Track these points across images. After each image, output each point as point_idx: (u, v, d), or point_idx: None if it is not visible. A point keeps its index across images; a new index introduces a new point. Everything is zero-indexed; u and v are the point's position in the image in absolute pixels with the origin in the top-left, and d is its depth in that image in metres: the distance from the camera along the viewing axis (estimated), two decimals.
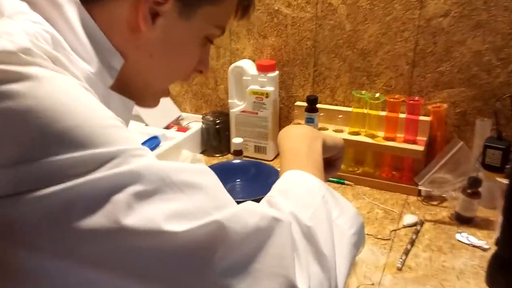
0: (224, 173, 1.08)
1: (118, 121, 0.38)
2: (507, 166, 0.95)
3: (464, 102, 1.03)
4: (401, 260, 0.79)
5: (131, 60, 0.48)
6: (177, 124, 1.35)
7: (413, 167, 1.07)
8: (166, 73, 0.52)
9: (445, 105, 1.03)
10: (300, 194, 0.49)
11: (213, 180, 0.40)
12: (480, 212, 0.94)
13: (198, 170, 0.40)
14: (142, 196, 0.34)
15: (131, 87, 0.51)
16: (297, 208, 0.45)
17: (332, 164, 0.67)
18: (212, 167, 1.10)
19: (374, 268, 0.78)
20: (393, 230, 0.90)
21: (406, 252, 0.82)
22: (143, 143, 1.18)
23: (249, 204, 0.41)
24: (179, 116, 1.37)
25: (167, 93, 0.57)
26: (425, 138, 1.06)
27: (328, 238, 0.45)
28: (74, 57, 0.43)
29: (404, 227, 0.91)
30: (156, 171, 0.36)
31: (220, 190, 0.40)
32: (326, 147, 0.61)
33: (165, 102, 1.36)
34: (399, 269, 0.78)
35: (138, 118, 1.30)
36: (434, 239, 0.87)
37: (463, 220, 0.93)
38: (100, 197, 0.33)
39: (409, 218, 0.93)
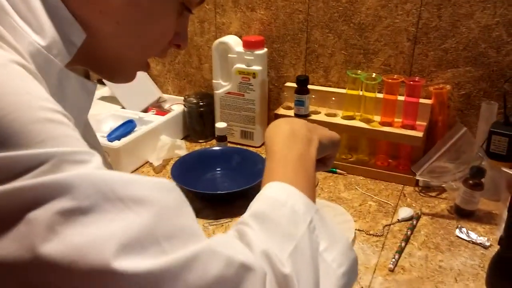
0: (203, 161, 1.02)
1: (59, 114, 0.31)
2: None
3: (469, 83, 0.95)
4: (393, 260, 0.73)
5: (95, 28, 0.42)
6: (157, 106, 1.28)
7: (411, 154, 1.01)
8: (137, 43, 0.46)
9: (448, 87, 0.96)
10: (281, 220, 0.40)
11: (175, 199, 0.32)
12: (482, 205, 0.87)
13: (156, 183, 0.31)
14: (70, 215, 0.26)
15: (99, 61, 0.45)
16: (274, 243, 0.37)
17: (323, 162, 0.59)
18: (190, 154, 1.04)
19: (363, 269, 0.72)
20: (387, 225, 0.84)
21: (400, 251, 0.76)
22: (117, 128, 1.11)
23: (214, 241, 0.33)
24: (159, 97, 1.29)
25: (145, 67, 0.51)
26: (425, 123, 0.98)
27: (310, 285, 0.37)
28: (20, 26, 0.36)
29: (399, 221, 0.85)
30: (95, 182, 0.28)
31: (182, 214, 0.32)
32: (321, 147, 0.53)
33: (145, 83, 1.29)
34: (391, 270, 0.72)
35: (114, 100, 1.23)
36: (431, 235, 0.81)
37: (463, 214, 0.86)
38: (13, 214, 0.26)
39: (404, 212, 0.87)
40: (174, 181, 0.93)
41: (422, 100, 0.97)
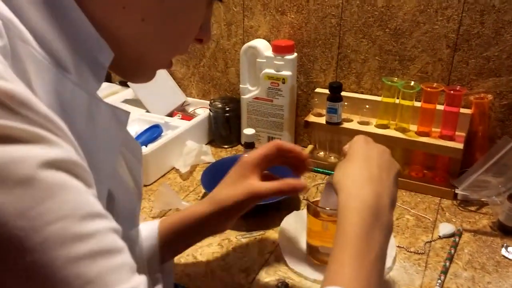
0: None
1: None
2: None
3: (511, 93, 0.92)
4: (439, 281, 0.71)
5: (117, 27, 0.39)
6: (181, 111, 1.26)
7: (448, 166, 0.98)
8: (163, 42, 0.43)
9: (490, 96, 0.93)
10: None
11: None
12: None
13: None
14: None
15: (121, 61, 0.42)
16: None
17: None
18: (219, 162, 1.02)
19: None
20: (428, 242, 0.81)
21: (445, 271, 0.73)
22: (143, 133, 1.09)
23: None
24: (184, 101, 1.28)
25: (169, 66, 0.48)
26: (463, 134, 0.95)
27: None
28: (42, 56, 0.34)
29: (440, 238, 0.82)
30: None
31: None
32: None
33: (169, 86, 1.27)
34: None
35: (138, 103, 1.21)
36: (475, 254, 0.78)
37: (507, 231, 0.83)
38: None
39: (445, 228, 0.84)
40: (204, 189, 0.91)
41: (461, 110, 0.93)
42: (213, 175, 0.96)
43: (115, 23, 0.38)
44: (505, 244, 0.80)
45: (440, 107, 0.94)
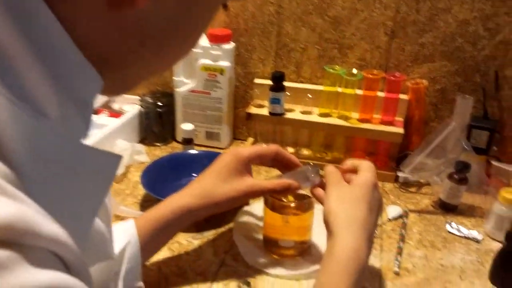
0: (174, 167, 0.97)
1: None
2: (495, 148, 0.94)
3: (444, 78, 1.00)
4: (397, 262, 0.75)
5: (107, 50, 0.31)
6: (107, 108, 1.19)
7: (388, 151, 1.04)
8: (162, 63, 0.36)
9: (425, 82, 1.00)
10: None
11: None
12: (463, 198, 0.92)
13: None
14: None
15: (108, 80, 0.34)
16: None
17: None
18: (159, 161, 0.98)
19: (369, 274, 0.72)
20: (379, 225, 0.85)
21: (400, 252, 0.77)
22: None
23: None
24: (109, 98, 1.21)
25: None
26: (402, 119, 1.02)
27: None
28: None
29: (390, 220, 0.87)
30: None
31: None
32: None
33: None
34: (397, 274, 0.73)
35: None
36: (424, 233, 0.84)
37: (448, 208, 0.91)
38: None
39: (393, 210, 0.89)
40: (147, 190, 0.87)
41: (401, 96, 1.00)
42: (154, 176, 0.92)
43: (106, 45, 0.31)
44: (448, 221, 0.87)
45: (379, 94, 0.99)
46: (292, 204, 0.75)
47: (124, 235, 0.63)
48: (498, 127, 0.96)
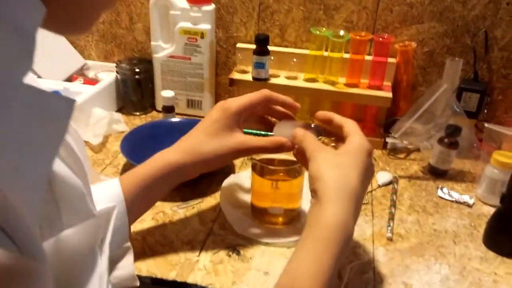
0: (155, 136, 0.92)
1: None
2: (485, 111, 0.92)
3: (433, 40, 0.97)
4: (389, 227, 0.73)
5: None
6: (81, 75, 1.13)
7: (376, 116, 1.01)
8: None
9: (413, 44, 0.97)
10: None
11: None
12: (453, 163, 0.90)
13: None
14: None
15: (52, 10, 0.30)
16: None
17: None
18: (138, 129, 0.93)
19: (362, 241, 0.70)
20: (369, 192, 0.83)
21: (392, 218, 0.75)
22: None
23: None
24: (84, 64, 1.14)
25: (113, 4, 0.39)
26: (390, 83, 0.99)
27: None
28: None
29: (380, 186, 0.85)
30: None
31: None
32: None
33: (62, 47, 1.12)
34: (390, 239, 0.71)
35: None
36: (415, 198, 0.82)
37: (438, 174, 0.89)
38: None
39: (383, 177, 0.87)
40: (128, 159, 0.82)
41: (389, 59, 0.96)
42: (134, 145, 0.87)
43: None
44: (439, 186, 0.85)
45: (367, 58, 0.95)
46: (282, 170, 0.72)
47: (108, 193, 0.59)
48: (488, 89, 0.94)
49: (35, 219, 0.28)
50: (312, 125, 0.65)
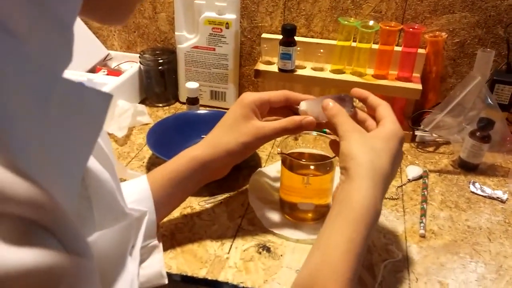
0: (181, 128, 0.91)
1: None
2: None
3: (464, 30, 0.93)
4: (422, 224, 0.71)
5: None
6: (104, 66, 1.11)
7: (404, 109, 0.98)
8: None
9: (444, 34, 0.93)
10: None
11: None
12: (484, 157, 0.87)
13: None
14: None
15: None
16: None
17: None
18: (166, 120, 0.92)
19: (394, 238, 0.68)
20: (399, 186, 0.81)
21: (424, 214, 0.73)
22: None
23: None
24: (107, 55, 1.13)
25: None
26: (419, 75, 0.96)
27: None
28: None
29: (410, 181, 0.83)
30: None
31: None
32: None
33: (85, 38, 1.11)
34: (423, 236, 0.69)
35: None
36: (446, 194, 0.79)
37: (469, 168, 0.86)
38: None
39: (413, 171, 0.85)
40: (153, 151, 0.81)
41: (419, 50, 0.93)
42: (160, 138, 0.86)
43: None
44: (471, 181, 0.82)
45: (396, 48, 0.93)
46: (312, 165, 0.70)
47: (137, 191, 0.59)
48: None
49: (74, 215, 0.27)
50: (343, 96, 0.62)
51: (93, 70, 1.07)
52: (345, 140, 0.55)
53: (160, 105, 1.09)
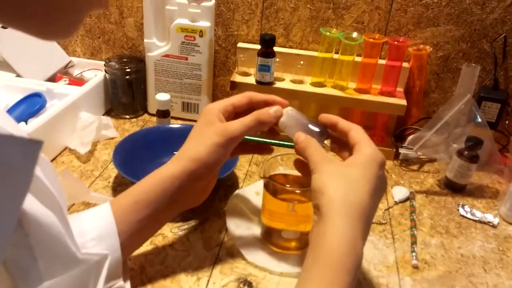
0: (151, 145, 0.82)
1: None
2: (506, 122, 0.86)
3: (448, 44, 0.89)
4: (414, 253, 0.65)
5: None
6: (65, 74, 1.01)
7: (386, 125, 0.93)
8: None
9: (428, 48, 0.89)
10: None
11: None
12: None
13: None
14: None
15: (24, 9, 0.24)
16: None
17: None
18: (135, 135, 0.83)
19: (385, 269, 0.62)
20: (386, 209, 0.75)
21: (415, 241, 0.68)
22: (18, 104, 0.84)
23: None
24: (69, 62, 1.03)
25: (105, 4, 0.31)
26: (402, 89, 0.91)
27: None
28: None
29: (396, 203, 0.77)
30: None
31: None
32: None
33: (45, 42, 1.00)
34: (416, 267, 0.63)
35: (4, 66, 0.94)
36: (435, 218, 0.74)
37: (456, 189, 0.82)
38: None
39: (399, 192, 0.79)
40: (119, 170, 0.72)
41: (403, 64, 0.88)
42: (127, 155, 0.77)
43: None
44: (460, 203, 0.78)
45: (380, 61, 0.88)
46: (297, 190, 0.63)
47: (97, 224, 0.50)
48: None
49: None
50: (317, 129, 0.56)
51: (53, 79, 0.97)
52: (316, 173, 0.48)
53: (127, 116, 1.00)
